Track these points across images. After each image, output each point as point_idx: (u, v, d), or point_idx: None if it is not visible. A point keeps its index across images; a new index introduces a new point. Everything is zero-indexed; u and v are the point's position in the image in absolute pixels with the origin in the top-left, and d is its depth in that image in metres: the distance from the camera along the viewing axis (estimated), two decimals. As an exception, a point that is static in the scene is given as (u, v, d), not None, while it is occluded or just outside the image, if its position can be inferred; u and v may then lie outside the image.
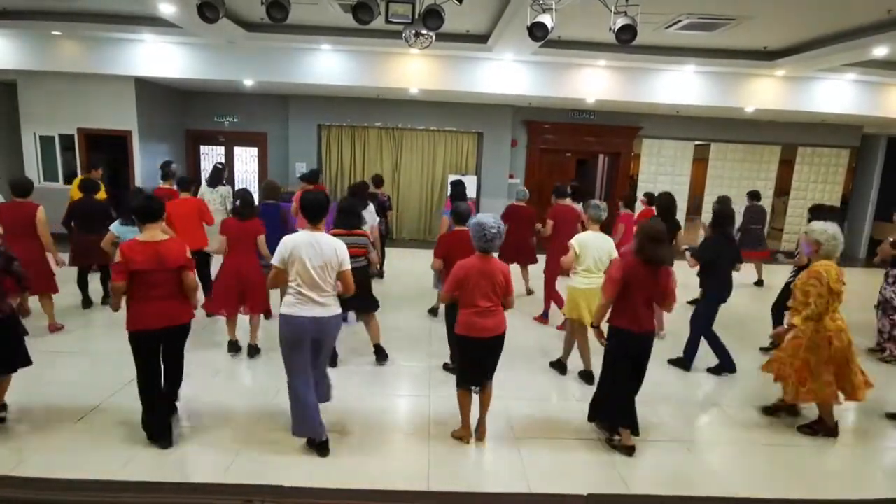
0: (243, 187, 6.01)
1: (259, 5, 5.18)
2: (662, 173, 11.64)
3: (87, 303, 5.99)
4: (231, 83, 9.65)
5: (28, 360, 3.54)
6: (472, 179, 10.94)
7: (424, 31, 5.53)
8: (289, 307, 3.20)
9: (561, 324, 6.01)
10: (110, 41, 8.40)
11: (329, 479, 3.10)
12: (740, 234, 8.50)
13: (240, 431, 3.56)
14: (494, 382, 4.16)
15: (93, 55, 8.49)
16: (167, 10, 6.30)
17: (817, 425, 3.86)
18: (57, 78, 9.11)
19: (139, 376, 3.33)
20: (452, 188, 6.30)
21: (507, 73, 8.83)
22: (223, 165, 8.06)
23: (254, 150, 11.55)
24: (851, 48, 6.81)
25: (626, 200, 6.76)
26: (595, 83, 8.99)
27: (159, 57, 8.58)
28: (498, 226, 3.28)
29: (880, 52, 6.94)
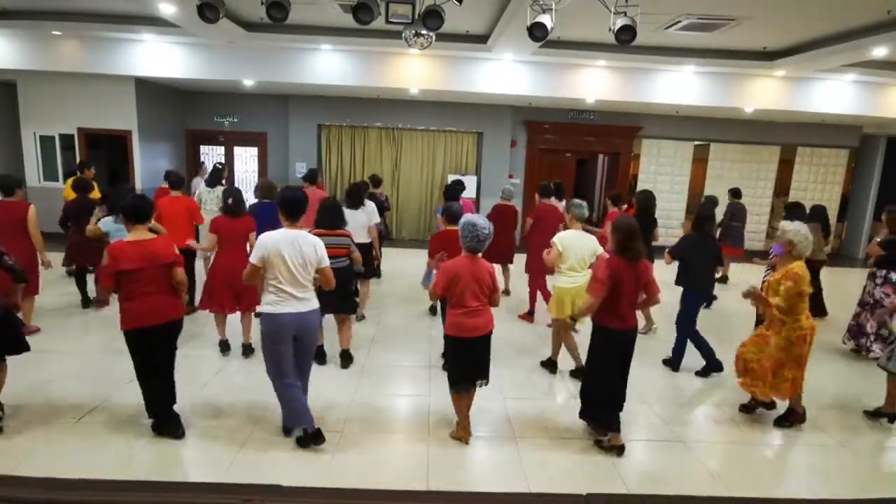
0: (234, 185, 6.01)
1: (259, 5, 5.19)
2: (662, 173, 11.65)
3: (86, 302, 6.00)
4: (231, 83, 9.66)
5: (26, 345, 3.52)
6: (472, 179, 10.95)
7: (424, 32, 5.53)
8: (270, 305, 3.24)
9: (524, 313, 6.07)
10: (110, 41, 8.40)
11: (328, 478, 3.10)
12: (721, 231, 8.51)
13: (238, 431, 3.56)
14: (491, 380, 4.17)
15: (93, 55, 8.49)
16: (167, 10, 6.30)
17: (791, 416, 3.94)
18: (57, 78, 9.12)
19: (139, 370, 3.38)
20: (447, 188, 6.33)
21: (506, 73, 8.84)
22: (223, 166, 8.06)
23: (254, 150, 11.56)
24: (851, 48, 6.82)
25: (613, 199, 6.78)
26: (595, 83, 9.00)
27: (159, 57, 8.59)
28: (489, 227, 3.32)
29: (880, 52, 6.95)
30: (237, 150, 11.60)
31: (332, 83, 8.89)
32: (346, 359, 4.76)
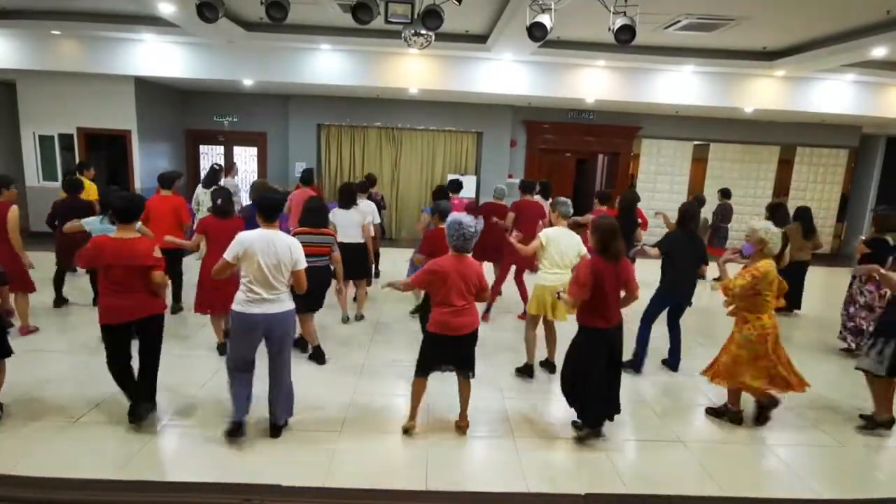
0: (223, 186, 5.97)
1: (258, 5, 5.20)
2: (662, 173, 11.65)
3: (59, 301, 5.92)
4: (231, 83, 9.66)
5: (8, 351, 3.52)
6: (472, 179, 10.96)
7: (424, 31, 5.54)
8: (240, 304, 3.27)
9: (522, 313, 6.00)
10: (110, 41, 8.40)
11: (327, 478, 3.10)
12: (710, 232, 8.51)
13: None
14: (491, 381, 4.16)
15: (92, 55, 8.50)
16: (166, 9, 6.31)
17: (723, 408, 3.98)
18: (56, 78, 9.11)
19: (108, 363, 3.48)
20: (435, 190, 6.21)
21: (506, 73, 8.84)
22: (220, 166, 8.07)
23: (253, 150, 11.56)
24: (850, 48, 6.82)
25: (601, 197, 6.77)
26: (594, 83, 9.01)
27: (159, 56, 8.59)
28: (475, 226, 3.32)
29: (879, 52, 6.96)
30: (237, 149, 11.60)
31: (331, 83, 8.90)
32: (305, 348, 4.79)
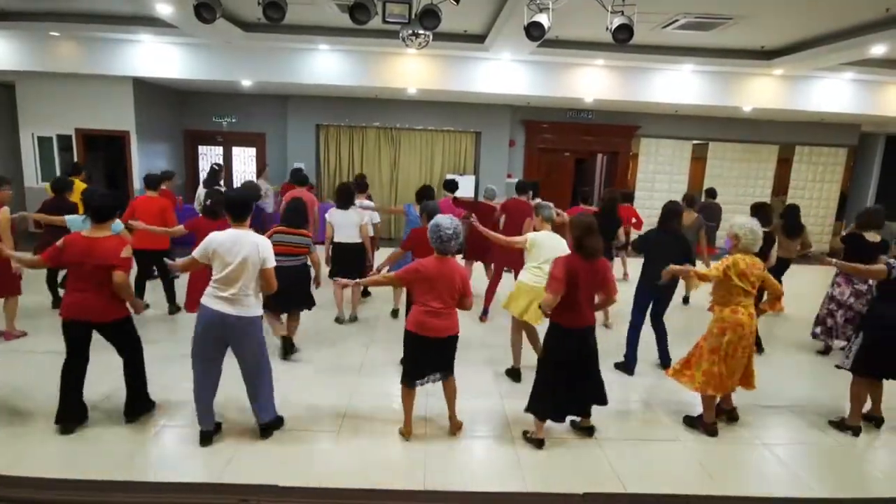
0: (215, 187, 5.96)
1: (256, 5, 5.19)
2: (660, 172, 11.65)
3: (57, 302, 5.88)
4: (229, 83, 9.66)
5: None
6: (471, 179, 10.96)
7: (421, 31, 5.53)
8: (204, 297, 3.31)
9: (483, 314, 6.02)
10: (108, 42, 8.40)
11: (325, 478, 3.10)
12: (704, 231, 8.42)
13: (235, 431, 3.55)
14: (490, 380, 4.14)
15: (91, 56, 8.49)
16: (164, 10, 6.30)
17: (697, 421, 3.89)
18: (55, 79, 9.11)
19: (65, 358, 3.48)
20: (418, 192, 5.96)
21: (504, 72, 8.84)
22: (220, 167, 8.05)
23: (252, 151, 11.56)
24: (849, 47, 6.82)
25: (584, 196, 6.81)
26: (593, 83, 9.01)
27: (157, 57, 8.59)
28: (454, 227, 3.29)
29: (878, 50, 6.95)
30: (235, 150, 11.60)
31: (330, 83, 8.89)
32: (288, 348, 4.72)
